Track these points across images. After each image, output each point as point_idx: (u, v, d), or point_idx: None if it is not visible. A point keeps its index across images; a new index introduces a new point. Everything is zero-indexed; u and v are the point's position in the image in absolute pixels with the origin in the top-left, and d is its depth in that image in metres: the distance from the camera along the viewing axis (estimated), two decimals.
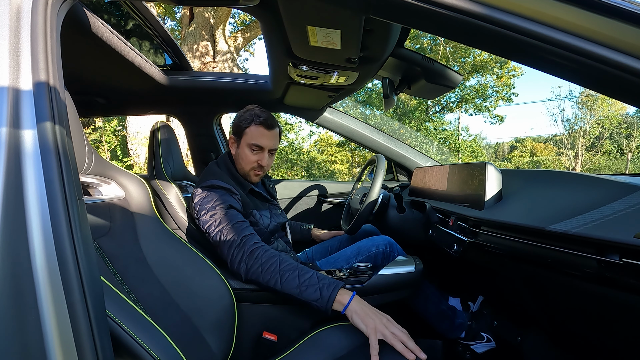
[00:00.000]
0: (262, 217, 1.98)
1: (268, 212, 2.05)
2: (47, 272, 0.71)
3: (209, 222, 1.70)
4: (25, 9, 0.79)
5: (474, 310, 2.22)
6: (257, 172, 1.99)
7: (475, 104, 21.77)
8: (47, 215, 0.72)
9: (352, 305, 1.39)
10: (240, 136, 1.96)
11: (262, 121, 1.91)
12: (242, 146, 1.95)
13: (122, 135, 9.30)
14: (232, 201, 1.79)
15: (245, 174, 2.00)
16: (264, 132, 1.93)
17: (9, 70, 0.74)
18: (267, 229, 1.96)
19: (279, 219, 2.12)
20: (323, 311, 1.41)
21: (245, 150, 1.94)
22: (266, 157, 1.96)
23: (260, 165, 1.97)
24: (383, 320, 1.33)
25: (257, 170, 1.98)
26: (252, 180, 2.03)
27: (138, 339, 0.91)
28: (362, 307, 1.38)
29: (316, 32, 1.50)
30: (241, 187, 1.94)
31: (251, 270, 1.55)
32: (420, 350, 1.25)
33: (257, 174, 2.01)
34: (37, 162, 0.73)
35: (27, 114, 0.75)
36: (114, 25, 1.59)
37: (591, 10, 0.75)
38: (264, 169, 2.00)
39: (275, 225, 2.04)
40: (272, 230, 2.02)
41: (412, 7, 0.85)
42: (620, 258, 0.85)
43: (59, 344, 0.70)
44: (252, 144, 1.92)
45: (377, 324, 1.31)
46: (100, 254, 1.15)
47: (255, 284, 1.58)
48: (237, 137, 1.98)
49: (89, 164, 1.17)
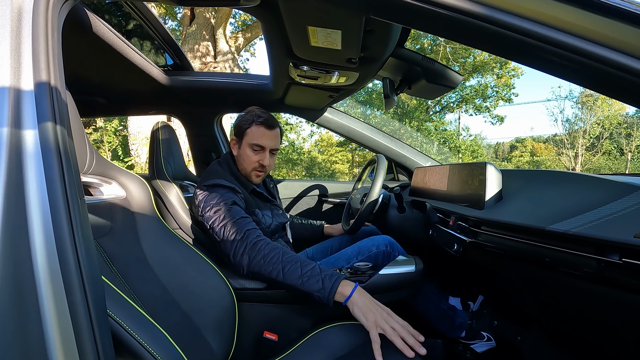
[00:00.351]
0: (264, 217, 1.99)
1: (270, 212, 2.06)
2: (48, 271, 0.71)
3: (213, 217, 1.70)
4: (27, 9, 0.79)
5: (474, 309, 2.22)
6: (258, 172, 2.00)
7: (475, 104, 21.78)
8: (48, 215, 0.72)
9: (354, 297, 1.38)
10: (241, 137, 1.97)
11: (262, 121, 1.92)
12: (244, 147, 1.96)
13: (123, 135, 9.29)
14: (236, 199, 1.79)
15: (247, 174, 2.00)
16: (265, 132, 1.94)
17: (10, 70, 0.74)
18: (268, 229, 1.97)
19: (281, 219, 2.13)
20: (325, 302, 1.41)
21: (246, 150, 1.95)
22: (267, 157, 1.97)
23: (261, 165, 1.97)
24: (383, 314, 1.32)
25: (259, 170, 1.99)
26: (254, 181, 2.03)
27: (139, 339, 0.91)
28: (364, 299, 1.37)
29: (317, 33, 1.50)
30: (243, 187, 1.95)
31: (254, 262, 1.55)
32: (420, 346, 1.24)
33: (259, 175, 2.01)
34: (38, 162, 0.73)
35: (28, 114, 0.74)
36: (115, 26, 1.59)
37: (590, 10, 0.76)
38: (265, 169, 2.01)
39: (276, 225, 2.04)
40: (274, 229, 2.02)
41: (412, 8, 0.85)
42: (620, 258, 0.85)
43: (60, 344, 0.70)
44: (253, 144, 1.93)
45: (377, 317, 1.30)
46: (101, 253, 1.15)
47: (258, 277, 1.58)
48: (238, 139, 1.99)
49: (90, 164, 1.17)
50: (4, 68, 0.74)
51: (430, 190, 2.23)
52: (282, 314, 1.66)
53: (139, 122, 8.40)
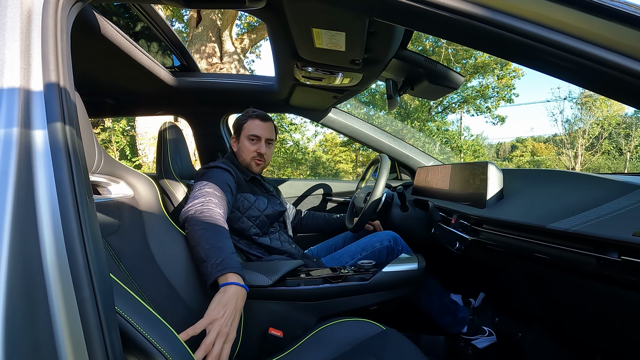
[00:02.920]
0: (258, 201, 2.06)
1: (266, 200, 2.12)
2: (58, 269, 0.71)
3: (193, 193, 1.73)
4: (36, 11, 0.79)
5: (475, 306, 2.21)
6: (257, 160, 2.13)
7: (476, 105, 21.72)
8: (57, 214, 0.72)
9: (229, 288, 1.29)
10: (239, 132, 2.13)
11: (256, 115, 2.13)
12: (242, 140, 2.12)
13: (131, 135, 9.29)
14: (228, 177, 1.89)
15: (247, 164, 2.13)
16: (259, 123, 2.13)
17: (20, 71, 0.74)
18: (262, 212, 2.04)
19: (277, 207, 2.18)
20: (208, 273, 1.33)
21: (244, 142, 2.11)
22: (264, 146, 2.12)
23: (259, 154, 2.12)
24: (228, 320, 1.22)
25: (258, 159, 2.13)
26: (254, 169, 2.14)
27: (146, 335, 0.91)
28: (231, 299, 1.26)
29: (321, 34, 1.50)
30: (243, 174, 2.08)
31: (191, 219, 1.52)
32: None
33: (258, 163, 2.14)
34: (47, 162, 0.73)
35: (37, 114, 0.74)
36: (122, 28, 1.59)
37: (589, 12, 0.76)
38: (263, 158, 2.14)
39: (272, 211, 2.11)
40: (270, 215, 2.09)
41: (415, 10, 0.86)
42: (619, 255, 0.85)
43: (69, 340, 0.70)
44: (249, 135, 2.11)
45: (220, 317, 1.19)
46: (110, 251, 1.15)
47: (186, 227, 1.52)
48: (237, 135, 2.15)
49: (99, 164, 1.17)
50: (14, 69, 0.74)
51: (432, 189, 2.23)
52: (286, 310, 1.66)
53: (147, 122, 8.40)
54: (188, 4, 1.23)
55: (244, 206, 1.98)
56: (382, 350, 1.34)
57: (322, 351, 1.41)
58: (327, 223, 2.69)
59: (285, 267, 1.73)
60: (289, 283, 1.70)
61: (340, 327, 1.51)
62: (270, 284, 1.64)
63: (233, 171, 1.96)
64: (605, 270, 0.90)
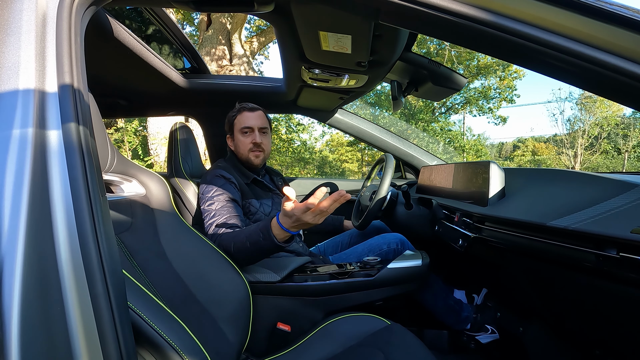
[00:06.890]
0: (263, 205, 2.03)
1: (270, 201, 2.10)
2: (72, 266, 0.71)
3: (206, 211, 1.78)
4: (51, 15, 0.79)
5: (478, 302, 2.21)
6: (255, 152, 2.08)
7: (479, 105, 21.69)
8: (71, 212, 0.72)
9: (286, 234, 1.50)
10: (232, 129, 2.10)
11: (244, 107, 2.09)
12: (236, 135, 2.08)
13: (143, 136, 9.32)
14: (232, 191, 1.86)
15: (246, 158, 2.08)
16: (248, 114, 2.08)
17: (35, 73, 0.74)
18: (267, 216, 2.00)
19: None
20: (271, 244, 1.50)
21: (239, 137, 2.07)
22: (258, 135, 2.06)
23: (255, 144, 2.06)
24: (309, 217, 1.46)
25: (255, 150, 2.07)
26: (254, 162, 2.09)
27: (158, 330, 0.92)
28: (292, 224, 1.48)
29: (328, 37, 1.50)
30: (244, 177, 2.03)
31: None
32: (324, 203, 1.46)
33: (257, 154, 2.09)
34: (62, 161, 0.73)
35: (52, 115, 0.75)
36: (135, 31, 1.59)
37: (589, 16, 0.76)
38: (261, 147, 2.09)
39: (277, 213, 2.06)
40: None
41: (419, 14, 0.86)
42: (617, 252, 0.84)
43: (83, 334, 0.70)
44: (242, 128, 2.06)
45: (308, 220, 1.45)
46: (122, 248, 1.15)
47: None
48: (231, 133, 2.12)
49: (112, 163, 1.17)
50: (29, 71, 0.74)
51: (436, 188, 2.22)
52: (294, 306, 1.66)
53: (158, 122, 8.42)
54: (198, 8, 1.23)
55: (250, 212, 1.97)
56: (387, 344, 1.33)
57: (329, 345, 1.41)
58: (324, 223, 2.69)
59: (293, 264, 1.74)
60: (296, 279, 1.70)
61: (346, 321, 1.51)
62: (279, 280, 1.64)
63: (234, 178, 1.94)
64: (604, 267, 0.90)
